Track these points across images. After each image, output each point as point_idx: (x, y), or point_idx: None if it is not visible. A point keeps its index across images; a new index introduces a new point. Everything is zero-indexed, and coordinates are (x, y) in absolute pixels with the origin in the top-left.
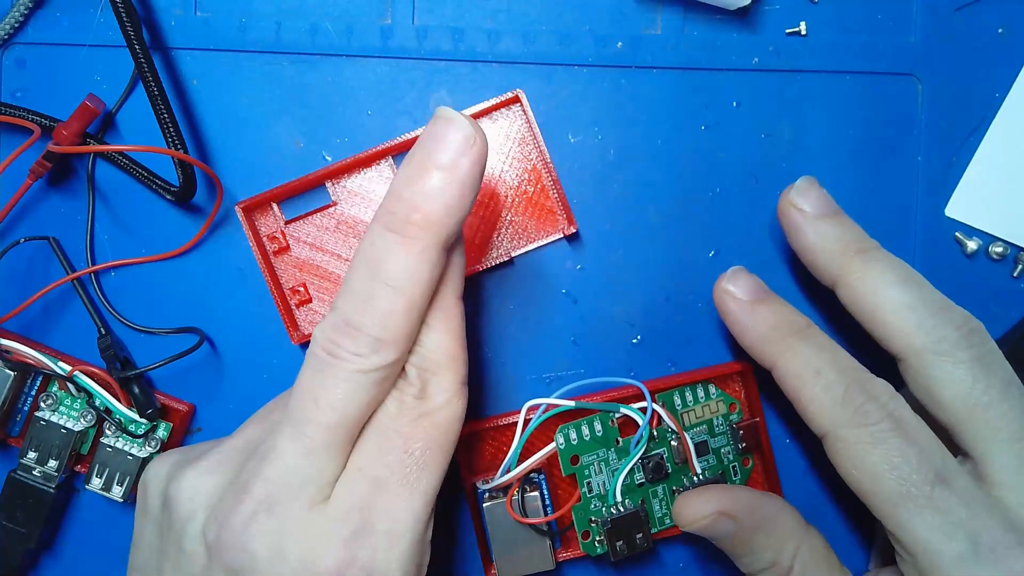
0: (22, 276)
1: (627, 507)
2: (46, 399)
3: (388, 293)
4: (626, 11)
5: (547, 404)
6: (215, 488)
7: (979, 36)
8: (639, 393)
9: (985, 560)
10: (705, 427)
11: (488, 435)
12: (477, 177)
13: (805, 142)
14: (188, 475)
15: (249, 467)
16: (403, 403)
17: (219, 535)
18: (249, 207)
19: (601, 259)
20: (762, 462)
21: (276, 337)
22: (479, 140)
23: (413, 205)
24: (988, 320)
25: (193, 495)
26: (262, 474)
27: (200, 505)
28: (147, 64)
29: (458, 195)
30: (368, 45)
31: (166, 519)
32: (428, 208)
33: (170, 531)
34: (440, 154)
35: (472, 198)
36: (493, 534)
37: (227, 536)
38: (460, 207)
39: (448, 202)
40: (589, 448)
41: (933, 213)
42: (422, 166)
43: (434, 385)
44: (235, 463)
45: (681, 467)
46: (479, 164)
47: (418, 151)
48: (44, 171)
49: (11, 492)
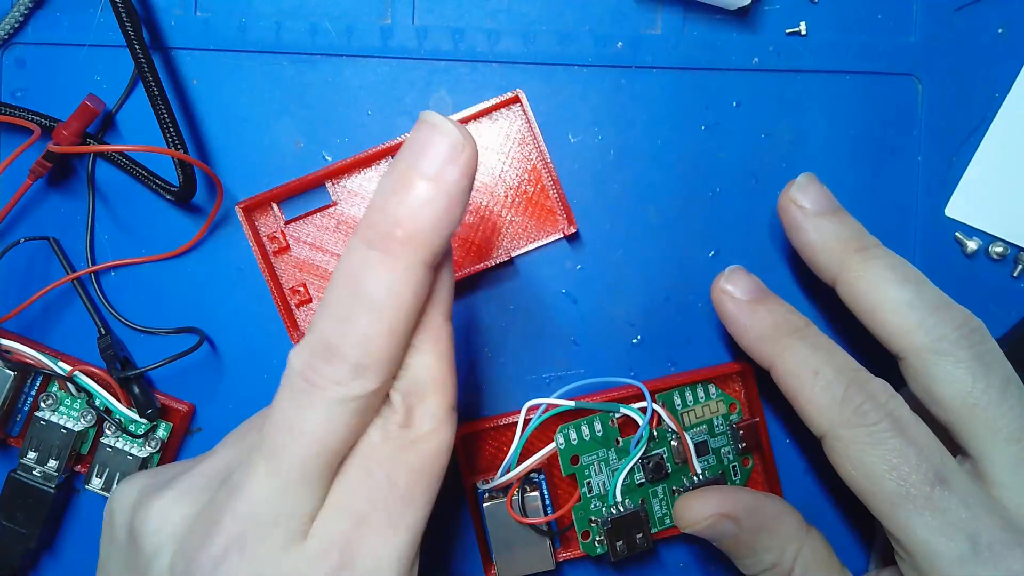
0: (22, 276)
1: (627, 507)
2: (46, 399)
3: (370, 315)
4: (626, 11)
5: (547, 404)
6: (183, 519)
7: (979, 36)
8: (639, 393)
9: (985, 560)
10: (705, 427)
11: (488, 435)
12: (466, 188)
13: (805, 142)
14: (155, 505)
15: (220, 499)
16: (387, 432)
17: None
18: (249, 207)
19: (601, 259)
20: (762, 462)
21: (276, 337)
22: (468, 147)
23: (395, 219)
24: (988, 320)
25: (160, 527)
26: (233, 509)
27: (167, 538)
28: (147, 64)
29: (445, 208)
30: (368, 45)
31: (132, 551)
32: (412, 223)
33: (135, 565)
34: (425, 163)
35: (461, 211)
36: (493, 534)
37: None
38: (448, 221)
39: (434, 216)
40: (589, 448)
41: (933, 213)
42: (405, 176)
43: (421, 412)
44: (206, 491)
45: (681, 467)
46: (468, 174)
47: (401, 159)
48: (44, 171)
49: (11, 492)
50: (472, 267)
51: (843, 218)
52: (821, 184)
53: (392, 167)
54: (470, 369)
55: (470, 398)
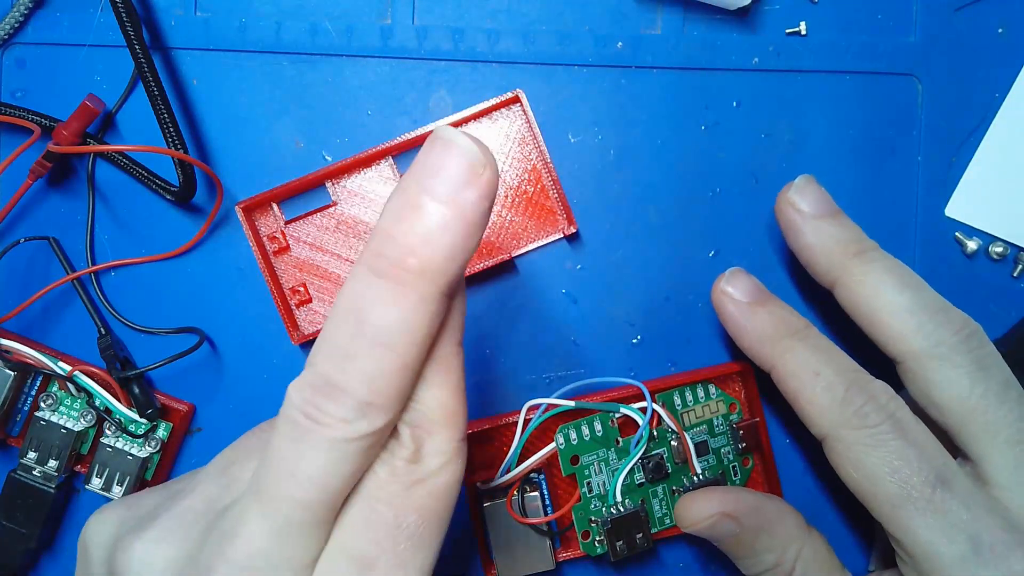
0: (22, 276)
1: (627, 507)
2: (46, 399)
3: (378, 350)
4: (626, 11)
5: (547, 404)
6: (169, 562)
7: (979, 36)
8: (639, 393)
9: (986, 561)
10: (705, 427)
11: (488, 435)
12: (487, 211)
13: (805, 142)
14: (137, 545)
15: (211, 544)
16: (394, 468)
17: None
18: (249, 207)
19: (601, 259)
20: (762, 462)
21: (276, 337)
22: (489, 168)
23: (408, 247)
24: (988, 320)
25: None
26: (227, 556)
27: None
28: (147, 64)
29: (463, 235)
30: (368, 45)
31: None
32: (427, 250)
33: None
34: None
35: (479, 237)
36: (493, 534)
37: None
38: (466, 248)
39: (452, 243)
40: (589, 448)
41: (933, 213)
42: (416, 200)
43: (430, 446)
44: (194, 531)
45: (681, 467)
46: (489, 195)
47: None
48: (44, 171)
49: (11, 492)
50: (472, 267)
51: (841, 221)
52: (819, 186)
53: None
54: (471, 370)
55: (470, 398)
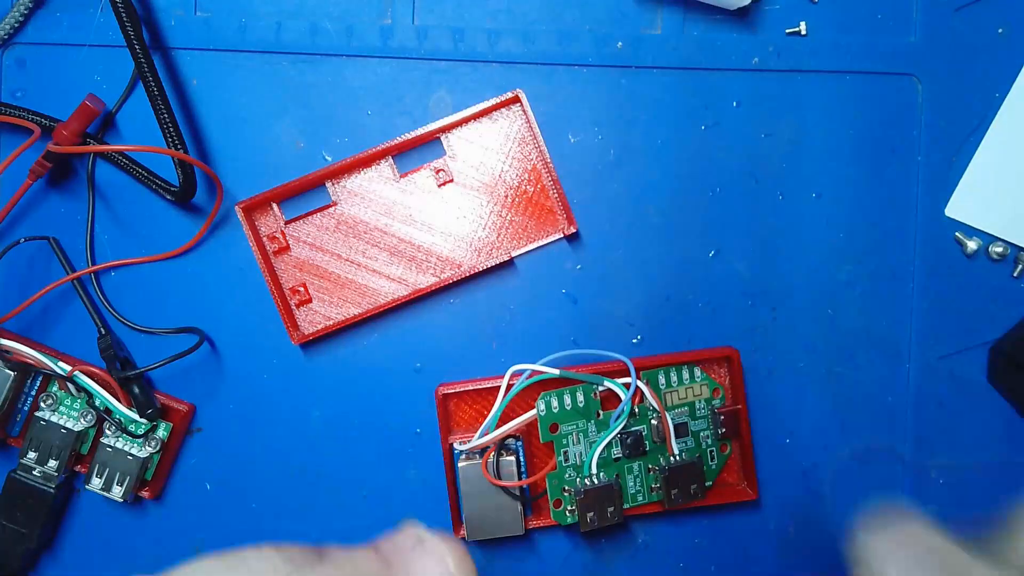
0: (22, 276)
1: (601, 480)
2: (46, 399)
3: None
4: (626, 11)
5: (532, 370)
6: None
7: (979, 36)
8: (625, 369)
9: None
10: (687, 409)
11: (470, 397)
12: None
13: (805, 142)
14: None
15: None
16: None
17: None
18: (249, 207)
19: (601, 259)
20: (740, 450)
21: (276, 337)
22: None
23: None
24: (988, 320)
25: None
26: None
27: None
28: (147, 64)
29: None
30: (368, 45)
31: None
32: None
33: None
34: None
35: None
36: (466, 494)
37: None
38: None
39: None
40: (569, 417)
41: (933, 213)
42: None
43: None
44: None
45: (659, 446)
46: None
47: None
48: (44, 171)
49: (11, 492)
50: (472, 267)
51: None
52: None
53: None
54: (471, 370)
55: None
